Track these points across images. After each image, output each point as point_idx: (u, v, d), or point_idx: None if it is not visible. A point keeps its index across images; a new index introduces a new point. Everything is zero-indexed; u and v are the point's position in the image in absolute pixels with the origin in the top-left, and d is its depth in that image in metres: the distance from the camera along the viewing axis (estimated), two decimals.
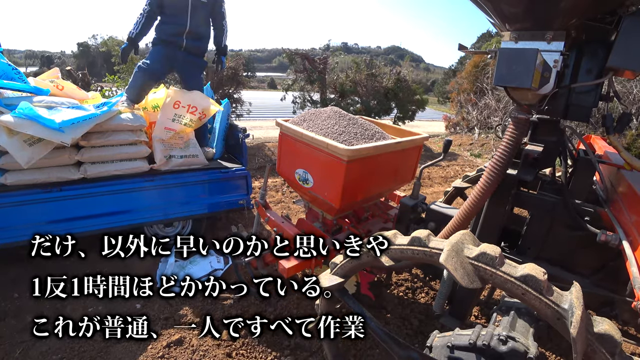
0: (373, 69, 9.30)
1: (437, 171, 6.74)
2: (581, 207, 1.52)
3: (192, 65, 3.25)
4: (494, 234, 1.70)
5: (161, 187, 2.92)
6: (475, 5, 1.46)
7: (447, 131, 12.16)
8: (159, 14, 3.07)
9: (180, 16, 2.98)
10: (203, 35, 3.19)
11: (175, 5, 2.97)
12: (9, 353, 2.04)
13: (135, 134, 2.77)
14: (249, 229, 2.54)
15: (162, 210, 2.97)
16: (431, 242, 1.20)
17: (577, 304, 0.91)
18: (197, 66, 3.32)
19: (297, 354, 2.15)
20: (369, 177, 2.08)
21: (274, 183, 5.26)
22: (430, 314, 2.47)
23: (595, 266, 1.58)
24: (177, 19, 2.99)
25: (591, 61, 1.38)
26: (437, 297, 1.58)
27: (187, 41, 3.06)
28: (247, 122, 8.29)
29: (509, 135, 1.47)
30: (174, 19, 3.00)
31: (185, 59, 3.15)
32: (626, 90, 7.42)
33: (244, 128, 3.40)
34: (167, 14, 3.02)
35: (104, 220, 2.73)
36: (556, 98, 1.46)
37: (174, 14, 2.99)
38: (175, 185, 2.97)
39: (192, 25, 3.01)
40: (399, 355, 1.31)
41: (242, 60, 8.58)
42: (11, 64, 2.69)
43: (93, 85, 7.11)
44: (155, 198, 2.92)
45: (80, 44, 34.75)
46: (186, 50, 3.11)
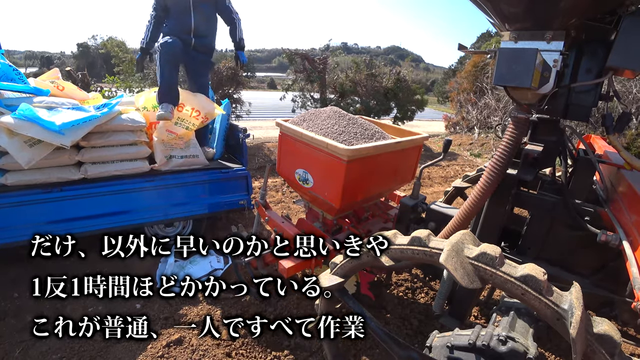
0: (373, 69, 9.30)
1: (437, 171, 6.74)
2: (581, 207, 1.52)
3: (201, 63, 3.26)
4: (494, 234, 1.70)
5: (161, 188, 2.92)
6: (475, 5, 1.46)
7: (447, 131, 12.16)
8: (165, 17, 3.10)
9: (184, 16, 3.01)
10: (208, 32, 3.20)
11: (178, 6, 2.99)
12: (9, 352, 2.04)
13: (136, 134, 2.77)
14: (249, 229, 2.54)
15: (163, 211, 2.97)
16: (431, 242, 1.20)
17: (577, 304, 0.91)
18: (205, 65, 3.33)
19: (297, 354, 2.15)
20: (369, 177, 2.08)
21: (274, 183, 5.26)
22: (430, 314, 2.47)
23: (595, 266, 1.58)
24: (181, 18, 3.01)
25: (591, 61, 1.38)
26: (436, 297, 1.58)
27: (195, 39, 3.09)
28: (247, 122, 8.29)
29: (508, 135, 1.47)
30: (178, 20, 3.03)
31: (194, 57, 3.18)
32: (626, 89, 7.41)
33: (245, 128, 3.40)
34: (172, 17, 3.05)
35: (104, 220, 2.73)
36: (556, 98, 1.46)
37: (178, 15, 3.02)
38: (176, 185, 2.97)
39: (196, 24, 3.03)
40: (398, 355, 1.31)
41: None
42: (11, 65, 2.69)
43: (93, 85, 7.11)
44: (155, 198, 2.92)
45: (80, 45, 34.76)
46: (195, 48, 3.13)
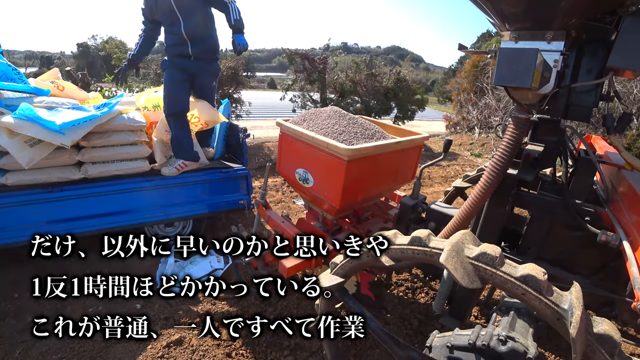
0: (373, 68, 9.30)
1: (437, 171, 6.74)
2: (582, 207, 1.52)
3: (205, 72, 3.01)
4: (494, 234, 1.70)
5: (162, 187, 2.92)
6: (475, 5, 1.46)
7: (447, 131, 12.16)
8: (158, 31, 2.95)
9: (174, 27, 2.77)
10: (205, 33, 2.90)
11: (166, 17, 2.77)
12: (9, 353, 2.04)
13: (136, 134, 2.77)
14: (249, 229, 2.54)
15: (163, 210, 2.97)
16: (431, 242, 1.20)
17: (577, 304, 0.91)
18: (210, 73, 3.07)
19: (297, 354, 2.15)
20: (369, 176, 2.08)
21: (274, 183, 5.26)
22: (430, 314, 2.47)
23: (596, 266, 1.58)
24: (173, 30, 2.79)
25: (591, 61, 1.38)
26: (436, 297, 1.58)
27: (192, 48, 2.83)
28: (247, 122, 8.29)
29: (509, 135, 1.47)
30: (171, 33, 2.81)
31: (197, 66, 2.92)
32: (626, 90, 7.41)
33: (245, 128, 3.40)
34: (166, 31, 2.87)
35: (104, 220, 2.73)
36: (556, 98, 1.46)
37: (169, 27, 2.81)
38: (176, 185, 2.97)
39: (188, 30, 2.77)
40: (398, 355, 1.31)
41: (241, 60, 8.57)
42: (11, 65, 2.69)
43: (92, 85, 7.11)
44: (155, 198, 2.92)
45: (79, 45, 34.77)
46: (195, 57, 2.88)
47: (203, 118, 3.03)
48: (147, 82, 7.43)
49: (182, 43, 2.82)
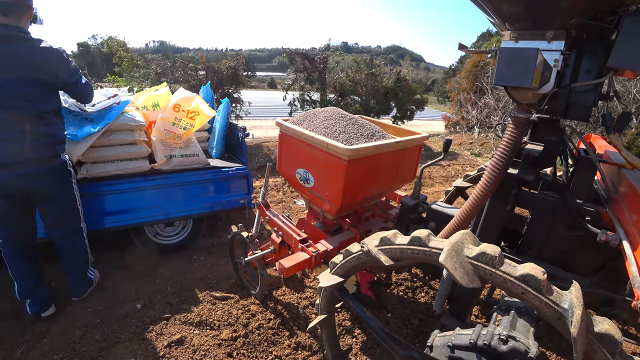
0: (373, 68, 9.30)
1: (437, 170, 6.74)
2: (582, 207, 1.52)
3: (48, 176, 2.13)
4: (495, 233, 1.70)
5: (162, 187, 2.92)
6: (475, 4, 1.46)
7: (447, 130, 12.16)
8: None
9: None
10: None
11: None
12: (10, 353, 2.04)
13: (136, 134, 2.77)
14: (249, 228, 2.54)
15: (163, 210, 2.97)
16: (431, 242, 1.20)
17: (577, 303, 0.91)
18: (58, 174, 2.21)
19: (297, 354, 2.15)
20: (369, 176, 2.08)
21: (274, 183, 5.26)
22: (431, 314, 2.48)
23: (596, 266, 1.58)
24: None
25: (591, 61, 1.37)
26: (437, 297, 1.58)
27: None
28: (247, 122, 8.29)
29: (509, 135, 1.47)
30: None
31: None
32: (626, 89, 7.41)
33: (244, 127, 3.40)
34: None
35: (104, 220, 2.73)
36: (556, 97, 1.46)
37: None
38: (176, 184, 2.97)
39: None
40: (399, 354, 1.32)
41: (242, 59, 8.56)
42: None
43: (93, 85, 7.10)
44: (155, 198, 2.91)
45: (80, 44, 34.72)
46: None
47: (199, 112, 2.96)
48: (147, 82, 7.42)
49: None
